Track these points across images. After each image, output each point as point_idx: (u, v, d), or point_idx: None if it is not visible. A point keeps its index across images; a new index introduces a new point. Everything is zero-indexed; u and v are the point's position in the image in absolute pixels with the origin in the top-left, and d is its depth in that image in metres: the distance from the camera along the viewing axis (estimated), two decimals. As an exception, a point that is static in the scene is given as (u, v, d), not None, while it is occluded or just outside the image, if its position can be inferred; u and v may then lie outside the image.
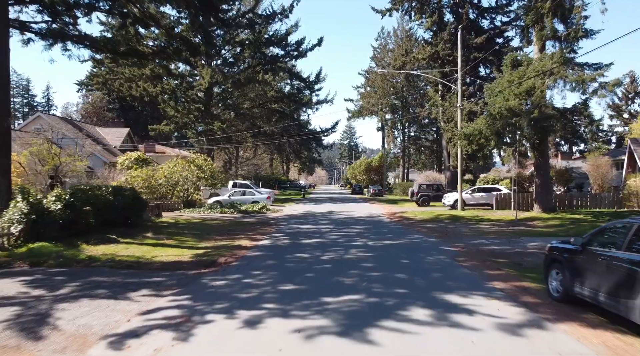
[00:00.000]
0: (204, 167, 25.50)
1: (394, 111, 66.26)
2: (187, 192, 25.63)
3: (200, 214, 23.17)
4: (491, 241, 14.09)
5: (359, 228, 17.37)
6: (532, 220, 20.28)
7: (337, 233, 15.40)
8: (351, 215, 23.93)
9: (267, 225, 18.85)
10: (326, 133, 43.13)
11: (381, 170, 69.19)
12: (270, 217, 22.99)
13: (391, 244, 13.01)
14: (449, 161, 40.56)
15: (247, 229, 17.16)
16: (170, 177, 24.49)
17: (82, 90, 71.35)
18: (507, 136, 19.99)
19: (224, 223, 19.07)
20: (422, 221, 21.04)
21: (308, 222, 19.88)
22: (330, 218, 22.11)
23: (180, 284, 8.04)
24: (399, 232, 16.37)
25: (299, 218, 21.87)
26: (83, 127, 37.69)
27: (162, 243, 12.99)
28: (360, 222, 19.90)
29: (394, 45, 67.26)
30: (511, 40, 37.30)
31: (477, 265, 10.00)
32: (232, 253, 11.51)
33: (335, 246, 12.48)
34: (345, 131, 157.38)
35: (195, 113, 35.79)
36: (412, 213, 25.36)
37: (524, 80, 20.08)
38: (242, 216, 23.01)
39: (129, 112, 72.33)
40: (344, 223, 19.42)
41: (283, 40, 39.28)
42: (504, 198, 26.23)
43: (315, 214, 24.52)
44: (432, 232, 16.52)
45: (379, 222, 20.21)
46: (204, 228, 17.01)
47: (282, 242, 13.59)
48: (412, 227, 18.13)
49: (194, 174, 24.91)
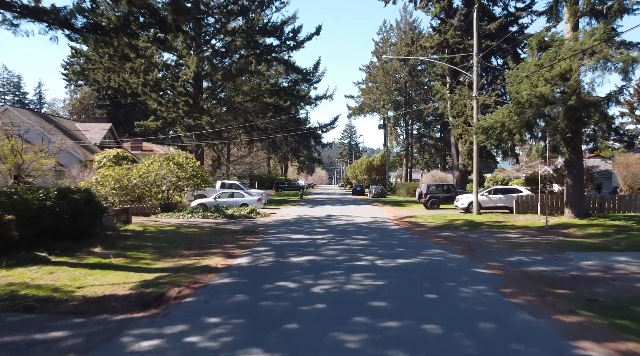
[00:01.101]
0: (185, 165, 22.45)
1: (397, 107, 63.19)
2: (166, 194, 22.58)
3: (179, 219, 20.14)
4: (531, 258, 11.06)
5: (363, 238, 14.31)
6: (565, 227, 17.24)
7: (335, 247, 12.34)
8: (352, 220, 20.88)
9: (253, 233, 15.80)
10: (325, 129, 40.11)
11: (383, 170, 66.13)
12: (259, 222, 19.94)
13: (406, 264, 9.96)
14: (458, 159, 37.52)
15: (227, 240, 14.12)
16: (146, 177, 21.45)
17: (70, 86, 68.39)
18: (537, 128, 16.92)
19: (201, 232, 16.02)
20: (436, 228, 17.99)
21: (302, 230, 16.82)
22: (328, 224, 19.06)
23: (81, 349, 5.00)
24: (412, 244, 13.31)
25: (291, 225, 18.82)
26: (59, 122, 34.66)
27: (106, 263, 9.94)
28: (364, 230, 16.84)
29: (396, 39, 64.22)
30: (526, 27, 34.29)
31: (536, 302, 6.95)
32: (193, 279, 8.47)
33: (333, 268, 9.43)
34: (346, 130, 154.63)
35: (185, 109, 32.75)
36: (421, 217, 22.31)
37: (556, 63, 17.04)
38: (227, 221, 19.97)
39: (119, 109, 69.25)
40: (344, 231, 16.36)
41: (278, 29, 36.20)
42: (526, 201, 23.19)
43: (312, 219, 21.47)
44: (453, 243, 13.48)
45: (386, 230, 17.15)
46: (174, 239, 13.96)
47: (265, 260, 10.53)
48: (426, 237, 15.08)
49: (174, 173, 21.84)
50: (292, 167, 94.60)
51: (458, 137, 33.18)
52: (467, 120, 32.55)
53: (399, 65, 60.96)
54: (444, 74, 38.14)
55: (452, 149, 38.63)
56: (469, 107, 30.99)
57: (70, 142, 29.21)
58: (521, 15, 33.80)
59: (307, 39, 36.69)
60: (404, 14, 62.76)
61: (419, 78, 63.79)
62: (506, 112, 18.85)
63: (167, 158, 22.10)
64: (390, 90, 61.63)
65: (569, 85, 15.94)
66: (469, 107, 31.11)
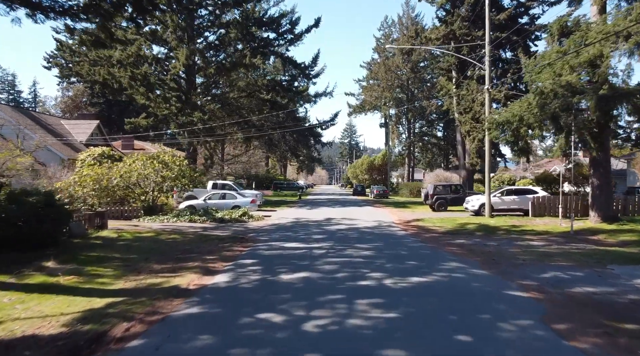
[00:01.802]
0: (171, 164, 20.57)
1: (399, 105, 61.28)
2: (151, 195, 20.71)
3: (162, 224, 18.28)
4: (569, 273, 9.20)
5: (367, 248, 12.43)
6: (593, 233, 15.36)
7: (335, 260, 10.47)
8: (354, 224, 19.00)
9: (241, 241, 13.92)
10: (325, 126, 38.26)
11: (384, 169, 64.21)
12: (251, 227, 18.06)
13: (422, 285, 8.08)
14: (465, 158, 35.63)
15: (210, 249, 12.24)
16: (127, 177, 19.58)
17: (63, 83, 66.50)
18: (563, 121, 15.04)
19: (183, 239, 14.15)
20: (447, 234, 16.12)
21: (297, 237, 14.94)
22: (327, 229, 17.18)
23: None
24: (425, 255, 11.43)
25: (286, 230, 16.94)
26: (42, 118, 32.79)
27: (52, 283, 8.08)
28: (367, 237, 14.96)
29: (398, 34, 62.29)
30: (537, 18, 32.38)
31: (607, 347, 5.10)
32: (152, 308, 6.60)
33: (332, 290, 7.56)
34: (346, 129, 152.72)
35: (177, 105, 30.86)
36: (429, 221, 20.43)
37: (582, 48, 15.17)
38: (215, 226, 18.10)
39: (113, 107, 67.34)
40: (345, 239, 14.48)
41: (275, 22, 34.36)
42: (542, 203, 21.32)
43: (309, 223, 19.59)
44: (471, 253, 11.61)
45: (392, 237, 15.27)
46: (149, 249, 12.08)
47: (249, 278, 8.66)
48: (439, 245, 13.21)
49: (158, 173, 19.96)
50: (292, 167, 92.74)
51: (465, 134, 31.30)
52: (475, 116, 30.69)
53: (401, 61, 59.06)
54: (450, 68, 36.25)
55: (458, 147, 36.74)
56: (478, 102, 29.13)
57: (51, 140, 27.35)
58: (532, 6, 31.91)
59: (305, 32, 34.89)
60: (406, 9, 61.07)
61: (421, 74, 61.86)
62: (524, 105, 16.99)
63: (150, 157, 20.23)
64: (392, 87, 59.71)
65: (599, 73, 14.07)
66: (477, 102, 29.24)
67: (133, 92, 28.01)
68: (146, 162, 19.85)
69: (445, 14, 33.99)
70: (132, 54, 28.11)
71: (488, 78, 21.43)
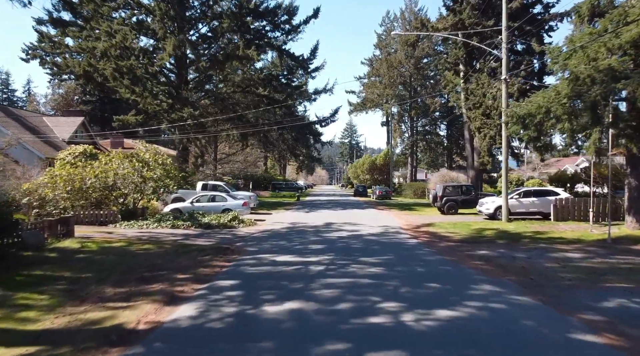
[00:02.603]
0: (153, 163, 18.45)
1: (401, 102, 59.16)
2: (130, 198, 18.61)
3: (140, 230, 16.19)
4: (638, 302, 7.11)
5: (374, 262, 10.32)
6: (635, 242, 13.26)
7: (336, 282, 8.36)
8: (358, 230, 16.88)
9: (225, 253, 11.82)
10: (325, 123, 36.13)
11: (386, 169, 62.06)
12: (241, 234, 15.95)
13: (455, 324, 5.96)
14: (473, 157, 33.52)
15: (184, 265, 10.14)
16: (103, 177, 17.47)
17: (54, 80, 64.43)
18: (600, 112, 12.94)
19: (156, 251, 12.03)
20: (465, 242, 14.01)
21: (291, 247, 12.83)
22: (326, 237, 15.05)
23: None
24: (447, 273, 9.32)
25: (280, 238, 14.82)
26: (21, 115, 30.69)
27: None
28: (374, 247, 12.84)
29: (401, 29, 60.24)
30: (552, 6, 30.25)
31: None
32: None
33: (332, 334, 5.45)
34: (346, 129, 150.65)
35: (168, 101, 28.77)
36: (441, 226, 18.32)
37: (622, 28, 13.07)
38: (200, 233, 15.99)
39: (106, 105, 65.22)
40: (347, 250, 12.36)
41: (272, 13, 32.25)
42: (565, 205, 19.21)
43: (306, 229, 17.48)
44: (501, 270, 9.51)
45: (402, 247, 13.15)
46: (110, 266, 9.97)
47: (222, 311, 6.54)
48: (459, 258, 11.10)
49: (138, 173, 17.85)
50: (291, 167, 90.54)
51: (475, 131, 29.17)
52: (486, 112, 28.60)
53: (403, 57, 56.98)
54: (457, 61, 34.14)
55: (466, 146, 34.62)
56: (490, 96, 27.02)
57: (29, 137, 25.26)
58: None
59: (304, 23, 32.74)
60: (409, 3, 59.00)
61: (424, 71, 59.79)
62: (551, 95, 14.88)
63: (129, 155, 18.08)
64: (394, 84, 57.63)
65: (646, 54, 11.96)
66: (489, 96, 27.13)
67: (116, 85, 25.89)
68: (124, 160, 17.74)
69: (453, 2, 31.90)
70: (117, 43, 25.99)
71: (505, 67, 19.30)
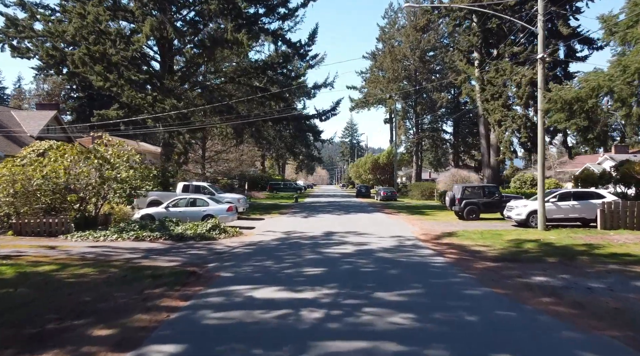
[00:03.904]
0: (115, 159, 15.21)
1: (406, 98, 55.91)
2: (89, 202, 15.37)
3: (94, 243, 12.96)
4: None
5: (399, 304, 7.07)
6: None
7: (343, 348, 5.09)
8: (366, 243, 13.59)
9: (186, 282, 8.53)
10: (324, 116, 32.89)
11: (390, 169, 58.75)
12: (219, 248, 12.69)
13: None
14: (489, 154, 30.23)
15: (118, 307, 6.87)
16: (54, 177, 14.23)
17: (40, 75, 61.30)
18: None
19: (95, 278, 8.76)
20: (506, 261, 10.75)
21: (279, 273, 9.52)
22: (327, 255, 11.76)
23: None
24: (515, 325, 6.06)
25: (267, 256, 11.52)
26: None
27: None
28: (391, 272, 9.54)
29: (405, 21, 57.02)
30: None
31: None
32: None
33: None
34: (347, 128, 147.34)
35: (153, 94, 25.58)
36: (465, 236, 15.07)
37: None
38: (168, 247, 12.74)
39: (95, 101, 62.05)
40: (356, 276, 9.07)
41: (266, -3, 29.05)
42: (615, 210, 15.93)
43: (302, 241, 14.20)
44: (586, 315, 6.23)
45: (429, 271, 9.86)
46: (11, 306, 6.72)
47: None
48: (514, 292, 7.83)
49: (96, 173, 14.60)
50: (291, 167, 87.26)
51: (494, 124, 25.86)
52: (506, 103, 25.31)
53: (408, 50, 53.74)
54: (471, 49, 30.86)
55: (482, 141, 31.33)
56: (513, 84, 23.71)
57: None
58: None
59: (301, 6, 29.52)
60: (414, -7, 55.47)
61: (430, 65, 56.54)
62: (614, 73, 11.65)
63: (85, 151, 14.80)
64: (398, 78, 54.37)
65: None
66: (513, 84, 23.84)
67: (86, 71, 22.65)
68: (79, 156, 14.50)
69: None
70: (89, 24, 22.77)
71: (542, 43, 16.00)
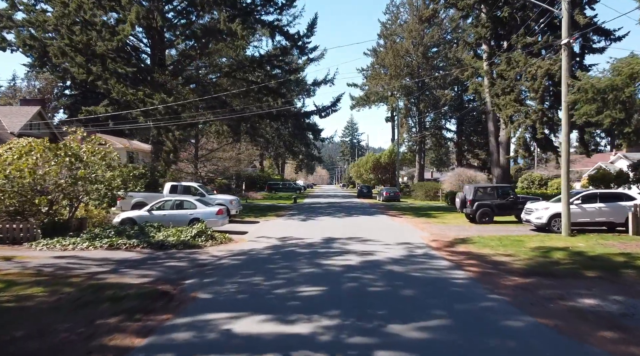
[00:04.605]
0: (88, 157, 13.54)
1: (408, 95, 54.24)
2: (61, 205, 13.72)
3: (61, 253, 11.31)
4: None
5: (422, 343, 5.42)
6: None
7: None
8: (371, 252, 11.91)
9: (151, 308, 6.84)
10: (324, 113, 31.24)
11: (391, 168, 57.13)
12: (202, 259, 11.03)
13: None
14: (499, 152, 28.58)
15: (52, 349, 5.25)
16: (18, 176, 12.57)
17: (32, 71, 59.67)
18: None
19: (43, 300, 7.09)
20: (537, 275, 9.10)
21: (269, 294, 7.80)
22: (327, 269, 10.06)
23: None
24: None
25: (256, 270, 9.83)
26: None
27: None
28: (405, 293, 7.84)
29: (408, 16, 55.36)
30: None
31: None
32: None
33: None
34: (347, 127, 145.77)
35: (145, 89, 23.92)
36: (481, 242, 13.41)
37: None
38: (145, 257, 11.08)
39: (89, 99, 60.46)
40: (362, 300, 7.36)
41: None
42: (649, 214, 14.28)
43: (298, 250, 12.53)
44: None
45: (451, 290, 8.17)
46: None
47: None
48: (567, 324, 6.17)
49: (67, 172, 12.94)
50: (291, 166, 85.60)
51: (507, 120, 24.17)
52: (519, 98, 23.65)
53: (411, 45, 52.10)
54: (479, 41, 29.20)
55: (490, 139, 29.64)
56: (528, 76, 22.05)
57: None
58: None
59: (300, -4, 27.88)
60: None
61: (434, 61, 54.88)
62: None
63: (52, 148, 13.11)
64: (400, 74, 52.65)
65: None
66: (527, 76, 22.17)
67: (66, 61, 21.01)
68: (47, 154, 12.85)
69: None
70: (71, 12, 21.13)
71: (566, 27, 14.33)
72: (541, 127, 21.41)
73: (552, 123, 22.00)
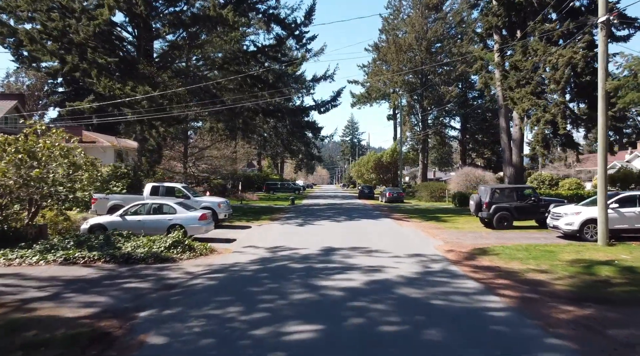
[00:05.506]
0: (44, 153, 11.55)
1: (411, 91, 52.22)
2: (14, 210, 11.73)
3: (2, 271, 9.32)
4: None
5: None
6: None
7: None
8: (379, 268, 9.89)
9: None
10: (324, 108, 29.26)
11: (394, 168, 55.07)
12: (172, 277, 9.02)
13: None
14: (511, 151, 26.58)
15: None
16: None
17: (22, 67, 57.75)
18: None
19: None
20: (591, 301, 7.06)
21: (240, 344, 5.80)
22: (325, 294, 8.02)
23: None
24: None
25: (233, 299, 7.79)
26: None
27: None
28: (431, 336, 5.83)
29: (411, 9, 53.34)
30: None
31: None
32: None
33: None
34: (348, 126, 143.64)
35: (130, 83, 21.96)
36: (505, 253, 11.38)
37: None
38: (105, 275, 9.09)
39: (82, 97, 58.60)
40: (372, 351, 5.41)
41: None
42: (701, 220, 12.24)
43: (292, 265, 10.50)
44: None
45: (492, 329, 6.14)
46: None
47: None
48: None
49: (18, 171, 10.96)
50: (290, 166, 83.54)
51: (523, 114, 22.13)
52: (536, 91, 21.63)
53: (414, 40, 50.05)
54: (489, 31, 27.17)
55: (502, 136, 27.60)
56: (549, 65, 20.03)
57: None
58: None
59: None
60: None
61: (438, 56, 52.80)
62: None
63: (1, 142, 11.08)
64: (403, 70, 50.58)
65: None
66: (548, 65, 20.15)
67: (36, 49, 19.01)
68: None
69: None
70: None
71: (604, 4, 12.32)
72: (563, 122, 19.39)
73: (576, 118, 20.01)
